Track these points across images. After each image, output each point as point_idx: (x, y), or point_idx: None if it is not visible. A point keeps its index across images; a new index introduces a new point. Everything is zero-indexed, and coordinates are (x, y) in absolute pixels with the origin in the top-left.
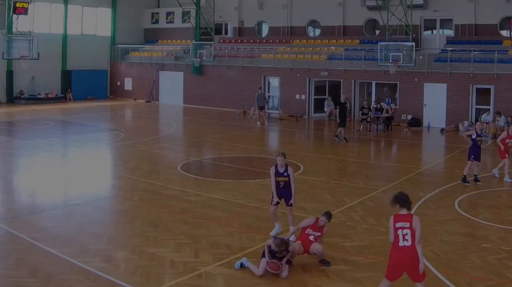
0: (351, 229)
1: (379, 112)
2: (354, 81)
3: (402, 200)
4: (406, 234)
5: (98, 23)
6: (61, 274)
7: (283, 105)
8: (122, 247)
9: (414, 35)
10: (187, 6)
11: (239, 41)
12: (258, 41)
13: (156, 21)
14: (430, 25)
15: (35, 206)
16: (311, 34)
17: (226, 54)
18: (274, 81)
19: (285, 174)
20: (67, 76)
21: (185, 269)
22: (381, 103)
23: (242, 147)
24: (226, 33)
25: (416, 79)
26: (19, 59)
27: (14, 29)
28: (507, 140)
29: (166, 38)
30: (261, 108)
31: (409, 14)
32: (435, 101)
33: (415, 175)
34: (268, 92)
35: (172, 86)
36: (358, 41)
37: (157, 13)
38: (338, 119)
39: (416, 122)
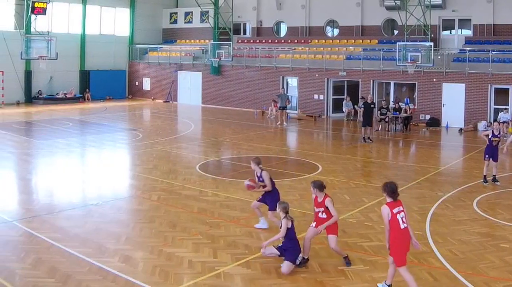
0: (370, 229)
1: (397, 112)
2: (373, 81)
3: (392, 190)
4: (403, 217)
5: (116, 23)
6: (79, 274)
7: (301, 105)
8: (140, 247)
9: (432, 35)
10: (205, 6)
11: (258, 41)
12: (276, 41)
13: (175, 21)
14: (448, 25)
15: (54, 206)
16: (330, 34)
17: (244, 54)
18: (293, 81)
19: (261, 179)
20: (85, 76)
21: (203, 269)
22: (400, 103)
23: (260, 147)
24: (244, 33)
25: (434, 79)
26: (38, 59)
27: (32, 29)
28: None
29: (185, 38)
30: (283, 108)
31: (428, 14)
32: (453, 101)
33: (433, 175)
34: (287, 92)
35: (190, 86)
36: (377, 41)
37: (176, 13)
38: (361, 119)
39: (435, 122)
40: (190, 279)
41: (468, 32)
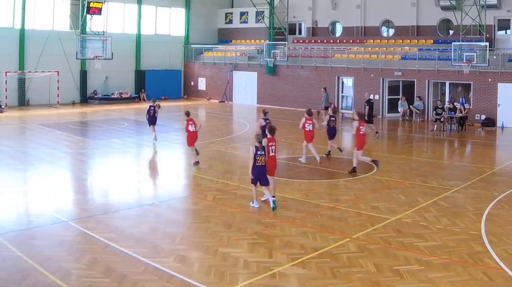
0: (425, 229)
1: (452, 112)
2: (428, 81)
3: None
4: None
5: (171, 23)
6: (134, 274)
7: (357, 105)
8: (195, 247)
9: (487, 35)
10: (260, 6)
11: (313, 41)
12: (331, 41)
13: (230, 21)
14: (504, 25)
15: (109, 206)
16: (385, 34)
17: (299, 54)
18: (348, 81)
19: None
20: (140, 76)
21: (259, 269)
22: (455, 103)
23: (315, 147)
24: (299, 33)
25: (489, 79)
26: (93, 59)
27: (87, 29)
28: None
29: (240, 38)
30: (326, 108)
31: (483, 14)
32: (509, 101)
33: (488, 175)
34: (342, 92)
35: (245, 86)
36: (432, 41)
37: (231, 13)
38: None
39: (490, 122)
40: (245, 279)
41: None
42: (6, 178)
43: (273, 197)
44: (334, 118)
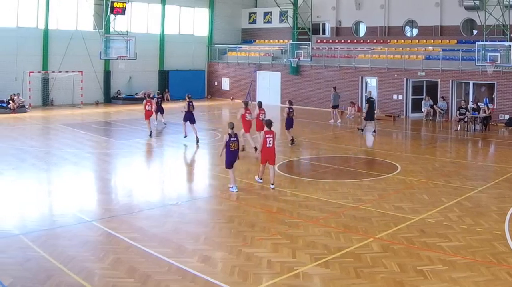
0: (449, 229)
1: (476, 112)
2: (452, 81)
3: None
4: None
5: (195, 23)
6: (158, 274)
7: (381, 105)
8: (219, 247)
9: (511, 35)
10: (284, 6)
11: (337, 41)
12: (355, 41)
13: (254, 21)
14: None
15: (132, 206)
16: (409, 34)
17: (323, 54)
18: (372, 81)
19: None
20: (164, 76)
21: (282, 269)
22: (479, 103)
23: (339, 147)
24: (323, 33)
25: None
26: (117, 59)
27: (111, 29)
28: None
29: (263, 38)
30: (336, 107)
31: (507, 14)
32: None
33: None
34: (365, 92)
35: (269, 86)
36: (456, 41)
37: (255, 13)
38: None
39: None
40: (269, 279)
41: None
42: (30, 178)
43: (272, 184)
44: (292, 110)
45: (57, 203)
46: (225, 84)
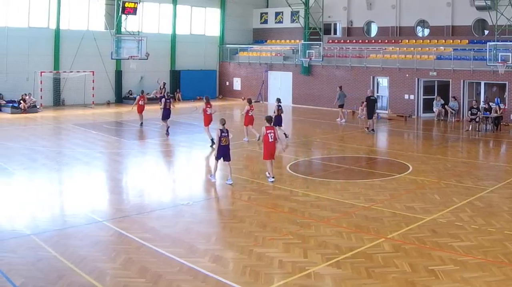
0: (460, 229)
1: (488, 112)
2: (463, 81)
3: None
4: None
5: (207, 23)
6: (169, 274)
7: (392, 105)
8: (230, 247)
9: None
10: (296, 6)
11: (348, 41)
12: (366, 41)
13: (265, 21)
14: None
15: (144, 206)
16: (420, 34)
17: (335, 54)
18: (383, 81)
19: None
20: (175, 76)
21: (294, 269)
22: (490, 103)
23: (351, 147)
24: (335, 33)
25: None
26: (128, 59)
27: (123, 29)
28: None
29: (275, 38)
30: (342, 106)
31: None
32: None
33: None
34: (377, 92)
35: (280, 86)
36: (467, 41)
37: (266, 13)
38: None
39: None
40: (281, 279)
41: None
42: (42, 178)
43: (273, 177)
44: (280, 107)
45: (69, 203)
46: (237, 84)
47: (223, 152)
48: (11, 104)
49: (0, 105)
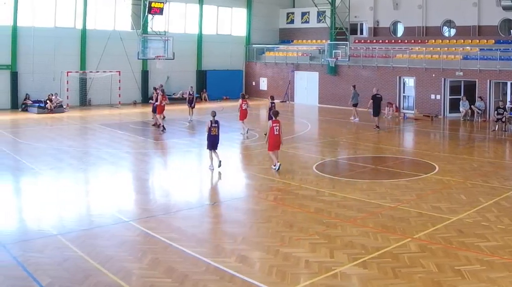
0: (487, 229)
1: None
2: (489, 81)
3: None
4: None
5: (233, 23)
6: (196, 274)
7: (418, 105)
8: (257, 247)
9: None
10: (322, 6)
11: (374, 41)
12: (393, 41)
13: (291, 21)
14: None
15: (170, 206)
16: (446, 34)
17: (361, 54)
18: (409, 81)
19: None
20: (202, 76)
21: (320, 269)
22: None
23: (377, 147)
24: (361, 33)
25: None
26: (154, 59)
27: (149, 29)
28: None
29: (301, 38)
30: (356, 105)
31: None
32: None
33: None
34: (403, 92)
35: (307, 86)
36: (493, 41)
37: (292, 13)
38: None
39: None
40: (307, 279)
41: None
42: (68, 178)
43: (278, 163)
44: (273, 105)
45: (95, 203)
46: (263, 84)
47: (211, 141)
48: (37, 104)
49: (26, 105)
